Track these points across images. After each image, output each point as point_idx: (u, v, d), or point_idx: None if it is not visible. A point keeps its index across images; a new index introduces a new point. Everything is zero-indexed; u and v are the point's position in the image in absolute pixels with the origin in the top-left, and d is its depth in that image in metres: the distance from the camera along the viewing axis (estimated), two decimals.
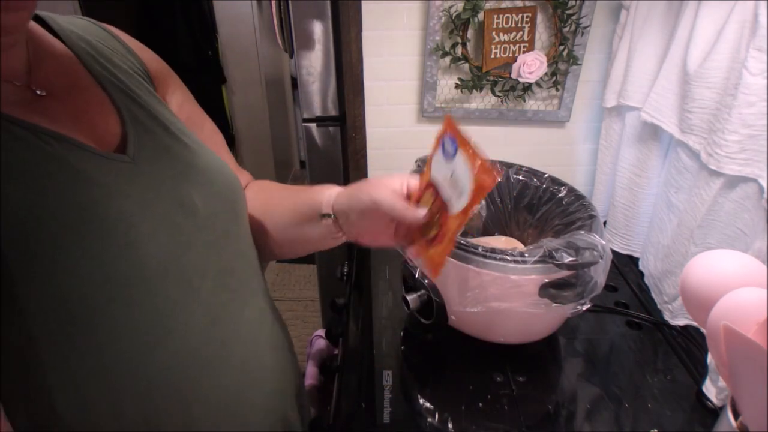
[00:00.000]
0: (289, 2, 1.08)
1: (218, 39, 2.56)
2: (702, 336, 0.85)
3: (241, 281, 0.53)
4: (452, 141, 0.46)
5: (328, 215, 0.56)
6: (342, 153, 1.25)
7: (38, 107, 0.42)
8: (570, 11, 1.02)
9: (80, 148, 0.42)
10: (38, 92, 0.42)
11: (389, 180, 0.52)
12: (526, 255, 0.67)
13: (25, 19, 0.41)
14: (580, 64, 1.08)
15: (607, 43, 1.08)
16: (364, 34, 1.08)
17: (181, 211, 0.45)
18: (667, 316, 0.90)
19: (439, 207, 0.47)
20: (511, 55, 1.05)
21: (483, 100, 1.15)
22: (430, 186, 0.48)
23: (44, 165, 0.39)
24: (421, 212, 0.48)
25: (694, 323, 0.86)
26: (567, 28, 1.04)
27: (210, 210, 0.48)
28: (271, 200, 0.63)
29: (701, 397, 0.74)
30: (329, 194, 0.57)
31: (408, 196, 0.50)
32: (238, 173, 0.60)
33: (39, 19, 0.47)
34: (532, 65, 1.04)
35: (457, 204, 0.46)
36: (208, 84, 2.59)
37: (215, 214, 0.49)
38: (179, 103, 0.57)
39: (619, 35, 1.01)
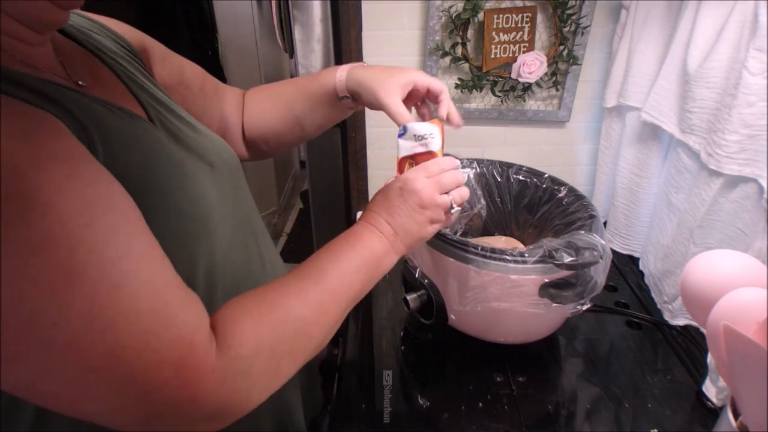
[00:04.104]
0: (289, 2, 1.08)
1: (218, 39, 2.55)
2: (702, 336, 0.85)
3: (256, 228, 0.62)
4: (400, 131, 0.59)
5: (346, 97, 0.66)
6: (342, 153, 1.25)
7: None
8: (570, 11, 1.02)
9: (147, 121, 0.47)
10: (80, 83, 0.45)
11: (398, 76, 0.60)
12: (526, 255, 0.67)
13: (68, 16, 0.45)
14: (580, 64, 1.08)
15: (607, 43, 1.08)
16: (364, 34, 1.08)
17: (211, 172, 0.53)
18: (667, 316, 0.90)
19: (425, 158, 0.58)
20: (511, 55, 1.05)
21: (483, 100, 1.15)
22: (405, 160, 0.59)
23: (139, 132, 0.45)
24: (408, 117, 0.59)
25: (694, 323, 0.86)
26: (567, 28, 1.04)
27: (225, 171, 0.57)
28: (284, 95, 0.71)
29: (701, 397, 0.74)
30: (340, 77, 0.65)
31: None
32: (229, 90, 0.72)
33: None
34: (532, 65, 1.04)
35: (436, 144, 0.57)
36: None
37: (230, 173, 0.58)
38: (162, 60, 0.62)
39: (619, 35, 1.01)
